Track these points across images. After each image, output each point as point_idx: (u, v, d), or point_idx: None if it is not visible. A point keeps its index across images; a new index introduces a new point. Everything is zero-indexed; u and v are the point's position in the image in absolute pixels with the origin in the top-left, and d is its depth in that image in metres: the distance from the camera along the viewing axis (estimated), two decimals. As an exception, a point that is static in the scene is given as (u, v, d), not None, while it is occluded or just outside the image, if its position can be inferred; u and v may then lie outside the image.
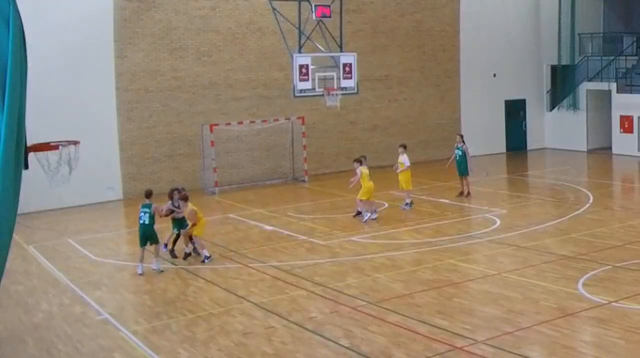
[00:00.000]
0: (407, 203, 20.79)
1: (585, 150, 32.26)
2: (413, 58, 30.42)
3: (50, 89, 22.09)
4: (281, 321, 11.92)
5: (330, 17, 21.74)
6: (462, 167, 21.94)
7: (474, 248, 16.32)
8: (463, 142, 22.24)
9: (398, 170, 20.72)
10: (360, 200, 19.32)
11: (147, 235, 15.15)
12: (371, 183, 19.32)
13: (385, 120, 30.02)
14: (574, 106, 32.56)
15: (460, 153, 21.99)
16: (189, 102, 25.70)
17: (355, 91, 22.86)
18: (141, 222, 15.13)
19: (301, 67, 21.12)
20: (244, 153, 26.71)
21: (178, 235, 16.58)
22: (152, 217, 15.06)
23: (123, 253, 17.87)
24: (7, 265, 10.57)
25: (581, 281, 13.17)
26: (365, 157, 20.23)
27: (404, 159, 20.63)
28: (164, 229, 16.94)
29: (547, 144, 33.94)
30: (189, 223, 16.14)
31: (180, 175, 25.70)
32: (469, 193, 21.97)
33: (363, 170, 19.32)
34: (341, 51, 22.35)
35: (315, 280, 14.16)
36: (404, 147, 21.14)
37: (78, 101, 23.24)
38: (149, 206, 15.09)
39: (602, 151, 31.75)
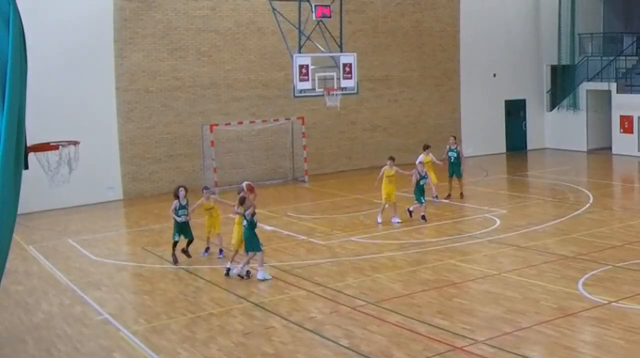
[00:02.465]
0: (436, 196, 21.16)
1: (585, 150, 32.26)
2: (413, 58, 30.42)
3: (50, 89, 22.09)
4: (281, 321, 11.92)
5: (330, 17, 21.75)
6: (458, 168, 21.89)
7: (474, 248, 16.32)
8: (456, 143, 22.25)
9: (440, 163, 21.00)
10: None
11: (248, 241, 14.43)
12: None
13: (385, 120, 30.01)
14: (574, 106, 32.56)
15: (455, 155, 21.93)
16: (189, 102, 25.71)
17: (355, 91, 22.87)
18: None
19: (301, 67, 21.13)
20: (244, 153, 26.71)
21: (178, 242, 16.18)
22: (250, 224, 14.39)
23: (123, 253, 17.88)
24: (7, 265, 10.58)
25: (581, 281, 13.17)
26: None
27: (433, 158, 20.94)
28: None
29: (547, 144, 33.94)
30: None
31: (180, 175, 25.70)
32: (462, 194, 21.93)
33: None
34: (341, 51, 22.35)
35: (315, 280, 14.16)
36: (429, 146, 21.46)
37: (78, 101, 23.25)
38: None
39: (602, 151, 31.74)
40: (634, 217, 18.84)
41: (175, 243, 16.06)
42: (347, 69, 21.87)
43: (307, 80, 21.27)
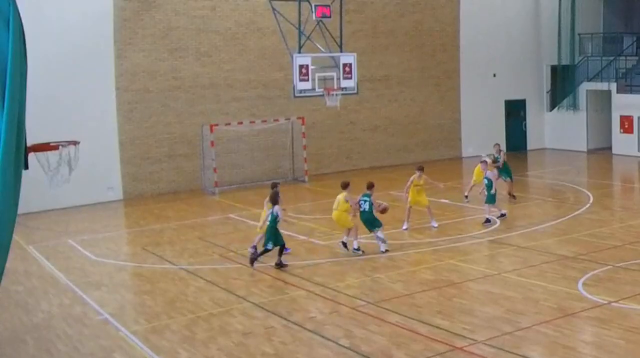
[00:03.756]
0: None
1: (585, 150, 32.27)
2: (413, 58, 30.42)
3: (50, 89, 22.09)
4: (281, 321, 11.92)
5: (330, 17, 21.74)
6: (506, 172, 21.30)
7: (474, 248, 16.32)
8: (500, 150, 21.63)
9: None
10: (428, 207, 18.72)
11: (370, 221, 15.93)
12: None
13: (385, 120, 30.02)
14: (574, 106, 32.57)
15: (501, 160, 21.30)
16: (189, 102, 25.71)
17: (355, 91, 22.86)
18: (362, 209, 15.92)
19: (301, 67, 21.11)
20: (244, 153, 26.71)
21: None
22: (371, 205, 15.89)
23: (123, 253, 17.88)
24: (7, 265, 10.57)
25: (581, 281, 13.17)
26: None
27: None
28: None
29: (547, 144, 33.95)
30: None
31: (180, 175, 25.74)
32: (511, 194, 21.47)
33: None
34: (341, 51, 22.34)
35: (315, 280, 14.16)
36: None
37: (78, 101, 23.26)
38: (368, 195, 15.91)
39: (602, 151, 31.75)
40: (634, 217, 18.84)
41: (266, 251, 15.19)
42: (347, 69, 21.86)
43: (307, 80, 21.26)
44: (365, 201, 15.89)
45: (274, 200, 15.33)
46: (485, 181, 18.90)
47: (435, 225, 18.47)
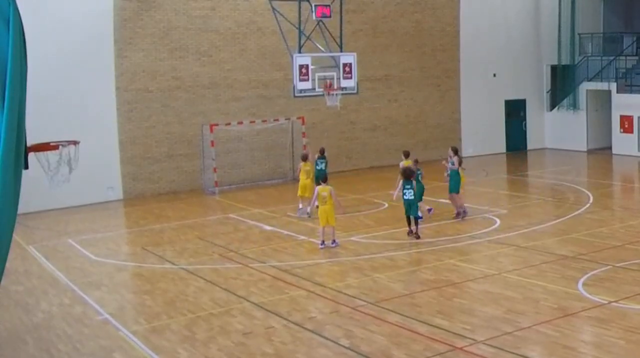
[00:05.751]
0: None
1: (585, 150, 32.27)
2: (413, 58, 30.42)
3: (50, 89, 22.08)
4: (281, 321, 11.92)
5: (330, 17, 21.75)
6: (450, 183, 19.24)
7: (474, 248, 16.32)
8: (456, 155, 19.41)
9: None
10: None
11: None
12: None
13: (385, 120, 30.02)
14: (574, 106, 32.57)
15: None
16: (189, 102, 25.70)
17: (355, 91, 22.87)
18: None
19: (301, 67, 21.13)
20: (244, 153, 26.71)
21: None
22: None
23: (123, 253, 17.87)
24: (7, 265, 10.57)
25: (581, 281, 13.17)
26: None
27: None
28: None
29: (547, 144, 33.95)
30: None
31: (180, 175, 25.73)
32: (458, 213, 19.19)
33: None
34: (341, 51, 22.35)
35: (315, 280, 14.16)
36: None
37: (78, 101, 23.26)
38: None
39: (602, 151, 31.75)
40: (634, 217, 18.84)
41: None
42: (347, 69, 21.87)
43: (307, 80, 21.27)
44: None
45: (413, 174, 17.00)
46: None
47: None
